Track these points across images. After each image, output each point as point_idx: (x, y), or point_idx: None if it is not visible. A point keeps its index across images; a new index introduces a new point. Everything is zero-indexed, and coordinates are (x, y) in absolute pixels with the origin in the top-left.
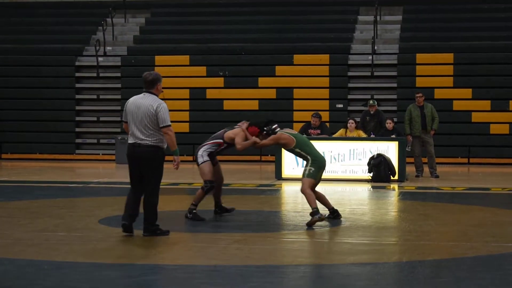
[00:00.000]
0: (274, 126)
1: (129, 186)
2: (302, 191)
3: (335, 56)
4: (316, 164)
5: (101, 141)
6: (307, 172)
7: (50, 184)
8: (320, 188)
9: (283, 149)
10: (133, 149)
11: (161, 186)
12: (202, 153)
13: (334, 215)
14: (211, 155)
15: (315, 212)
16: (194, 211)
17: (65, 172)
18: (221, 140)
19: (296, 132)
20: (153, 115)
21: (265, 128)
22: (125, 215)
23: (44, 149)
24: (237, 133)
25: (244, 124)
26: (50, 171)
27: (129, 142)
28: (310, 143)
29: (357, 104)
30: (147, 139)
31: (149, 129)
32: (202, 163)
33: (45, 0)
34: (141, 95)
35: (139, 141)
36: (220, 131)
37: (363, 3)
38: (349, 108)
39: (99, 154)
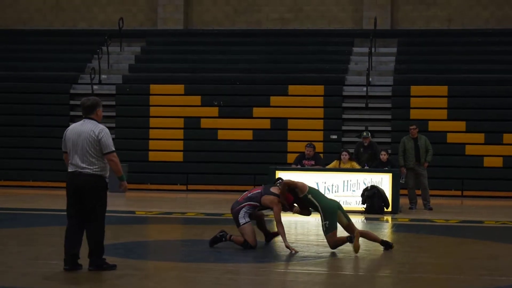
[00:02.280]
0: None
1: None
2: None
3: (329, 87)
4: (328, 213)
5: None
6: (324, 229)
7: (43, 211)
8: (312, 219)
9: (276, 176)
10: (72, 177)
11: (153, 215)
12: (244, 215)
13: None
14: (250, 216)
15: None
16: (221, 234)
17: (58, 200)
18: (257, 203)
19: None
20: (95, 141)
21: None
22: (67, 258)
23: (37, 176)
24: (273, 202)
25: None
26: (43, 199)
27: (68, 170)
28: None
29: (351, 135)
30: (89, 167)
31: (91, 156)
32: (244, 223)
33: (40, 27)
34: (81, 122)
35: (80, 170)
36: (256, 192)
37: (358, 34)
38: (343, 139)
39: None
